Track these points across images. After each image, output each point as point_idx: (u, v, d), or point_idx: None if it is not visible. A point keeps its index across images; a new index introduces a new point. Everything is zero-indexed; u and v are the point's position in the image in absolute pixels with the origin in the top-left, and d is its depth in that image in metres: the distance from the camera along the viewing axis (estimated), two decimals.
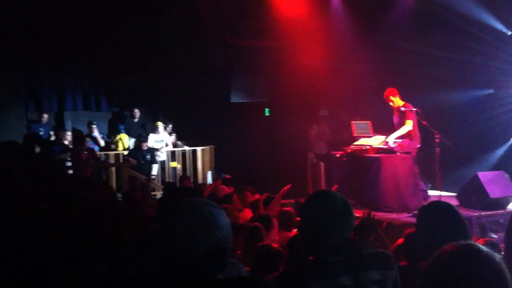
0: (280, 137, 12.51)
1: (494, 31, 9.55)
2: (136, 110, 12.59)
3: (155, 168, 11.73)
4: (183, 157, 12.27)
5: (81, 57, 11.89)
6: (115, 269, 3.17)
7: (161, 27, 11.96)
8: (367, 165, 8.25)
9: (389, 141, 8.07)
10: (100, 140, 12.07)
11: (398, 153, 8.05)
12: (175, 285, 1.78)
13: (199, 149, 12.25)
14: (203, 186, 10.17)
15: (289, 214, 5.80)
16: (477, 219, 7.06)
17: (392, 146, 8.03)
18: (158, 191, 11.22)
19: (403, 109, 8.01)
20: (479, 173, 7.64)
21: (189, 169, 12.10)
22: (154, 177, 11.58)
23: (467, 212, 7.06)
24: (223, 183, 8.60)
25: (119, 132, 12.47)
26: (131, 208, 5.46)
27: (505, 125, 9.83)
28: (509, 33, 9.60)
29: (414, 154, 8.21)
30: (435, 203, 3.24)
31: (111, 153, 11.78)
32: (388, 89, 8.31)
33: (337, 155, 9.23)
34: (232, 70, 12.95)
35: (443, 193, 7.97)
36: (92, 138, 11.77)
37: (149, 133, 12.22)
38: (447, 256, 1.62)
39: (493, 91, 10.00)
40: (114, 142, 12.33)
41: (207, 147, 12.47)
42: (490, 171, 8.25)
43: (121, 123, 12.79)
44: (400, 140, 8.10)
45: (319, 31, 11.34)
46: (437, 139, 7.61)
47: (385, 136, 8.27)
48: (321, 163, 9.82)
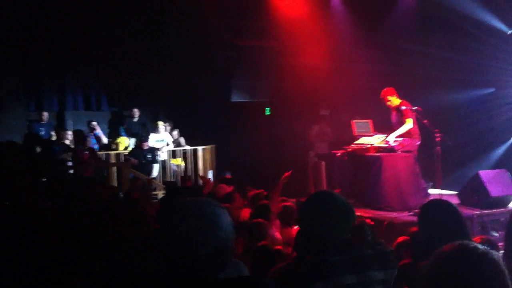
0: (281, 136, 12.50)
1: (494, 30, 9.54)
2: (135, 109, 12.57)
3: (156, 167, 11.74)
4: (184, 157, 12.26)
5: (82, 57, 11.88)
6: (116, 269, 3.17)
7: (162, 27, 11.97)
8: (368, 164, 8.25)
9: (390, 140, 8.07)
10: (102, 137, 12.08)
11: (399, 152, 8.05)
12: (176, 285, 1.78)
13: (200, 148, 12.25)
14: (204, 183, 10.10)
15: (290, 209, 5.77)
16: (478, 218, 7.03)
17: (393, 145, 8.03)
18: (159, 190, 11.22)
19: (404, 107, 7.99)
20: (480, 172, 7.62)
21: (190, 168, 12.10)
22: (155, 176, 11.58)
23: (468, 210, 7.05)
24: (224, 183, 8.57)
25: (119, 134, 12.47)
26: (131, 208, 5.44)
27: (506, 124, 9.82)
28: (509, 32, 9.58)
29: (415, 152, 8.20)
30: (435, 202, 3.25)
31: (112, 152, 11.79)
32: (384, 89, 8.28)
33: (338, 154, 9.23)
34: (233, 70, 12.94)
35: (444, 191, 7.96)
36: (95, 136, 11.79)
37: (150, 133, 12.23)
38: (447, 255, 1.62)
39: (494, 90, 9.99)
40: (115, 142, 12.33)
41: (208, 147, 12.47)
42: (491, 170, 8.23)
43: (121, 123, 12.78)
44: (400, 139, 8.10)
45: (320, 31, 11.32)
46: (438, 138, 7.60)
47: (385, 135, 8.27)
48: (322, 163, 9.79)
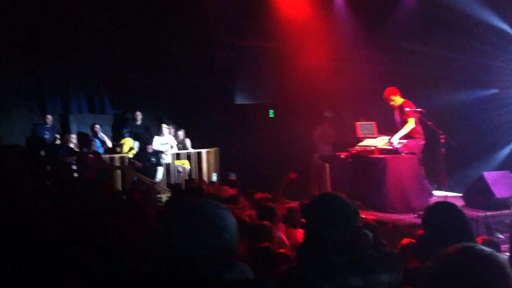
0: (284, 138, 12.48)
1: (498, 31, 9.51)
2: (138, 112, 12.53)
3: (160, 170, 11.73)
4: (188, 159, 12.26)
5: (84, 60, 11.89)
6: (116, 269, 3.17)
7: (165, 29, 11.97)
8: (372, 166, 8.23)
9: (394, 141, 8.04)
10: (107, 140, 12.08)
11: (403, 154, 8.02)
12: (176, 285, 1.78)
13: (204, 151, 12.24)
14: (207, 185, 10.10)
15: (294, 210, 5.77)
16: (483, 220, 6.98)
17: (397, 146, 8.01)
18: (163, 193, 11.22)
19: (407, 109, 7.98)
20: (485, 173, 7.58)
21: (194, 171, 12.10)
22: (159, 180, 11.57)
23: (473, 212, 6.98)
24: (228, 184, 8.58)
25: (123, 136, 12.48)
26: (131, 208, 5.46)
27: (510, 125, 9.76)
28: None
29: (419, 154, 8.17)
30: (440, 204, 3.23)
31: (116, 155, 11.78)
32: (387, 89, 8.28)
33: (342, 156, 9.22)
34: (235, 71, 12.95)
35: (449, 193, 7.94)
36: (99, 140, 11.79)
37: (154, 136, 12.23)
38: (450, 257, 1.61)
39: (497, 91, 9.96)
40: (119, 144, 12.33)
41: (212, 149, 12.46)
42: (495, 171, 8.19)
43: (125, 126, 12.79)
44: (404, 140, 8.07)
45: (323, 32, 11.31)
46: (442, 140, 7.58)
47: (389, 137, 8.25)
48: (326, 165, 9.79)
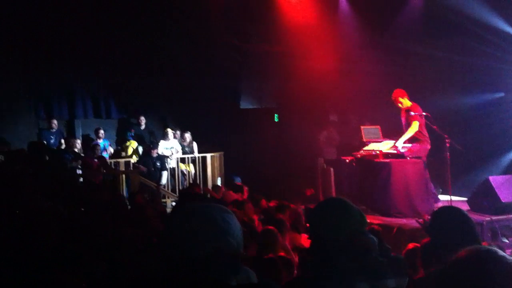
0: (289, 142, 12.48)
1: (504, 34, 9.48)
2: (142, 117, 12.56)
3: (165, 175, 11.74)
4: (193, 164, 12.27)
5: (91, 65, 11.93)
6: (116, 269, 3.17)
7: (170, 33, 12.02)
8: (377, 170, 8.20)
9: (398, 145, 8.02)
10: (109, 147, 12.10)
11: (408, 158, 7.99)
12: (176, 285, 1.77)
13: (208, 155, 12.24)
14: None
15: (298, 215, 5.77)
16: (489, 224, 6.93)
17: (402, 151, 7.98)
18: (168, 198, 11.23)
19: (412, 113, 7.96)
20: (490, 177, 7.54)
21: (199, 175, 12.11)
22: (164, 184, 11.58)
23: (479, 216, 6.94)
24: (233, 189, 8.59)
25: (128, 139, 12.49)
26: (133, 210, 5.46)
27: None
28: None
29: (424, 158, 8.13)
30: (446, 209, 3.22)
31: (121, 160, 11.79)
32: (396, 90, 8.28)
33: (347, 160, 9.20)
34: (241, 76, 12.96)
35: (454, 197, 7.90)
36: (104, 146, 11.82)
37: (158, 140, 12.24)
38: (464, 261, 1.58)
39: (503, 94, 9.92)
40: (124, 148, 12.34)
41: (217, 154, 12.46)
42: (501, 175, 8.15)
43: (129, 130, 12.80)
44: (409, 144, 8.04)
45: (328, 35, 11.32)
46: (447, 144, 7.55)
47: (394, 141, 8.22)
48: (331, 169, 9.76)
